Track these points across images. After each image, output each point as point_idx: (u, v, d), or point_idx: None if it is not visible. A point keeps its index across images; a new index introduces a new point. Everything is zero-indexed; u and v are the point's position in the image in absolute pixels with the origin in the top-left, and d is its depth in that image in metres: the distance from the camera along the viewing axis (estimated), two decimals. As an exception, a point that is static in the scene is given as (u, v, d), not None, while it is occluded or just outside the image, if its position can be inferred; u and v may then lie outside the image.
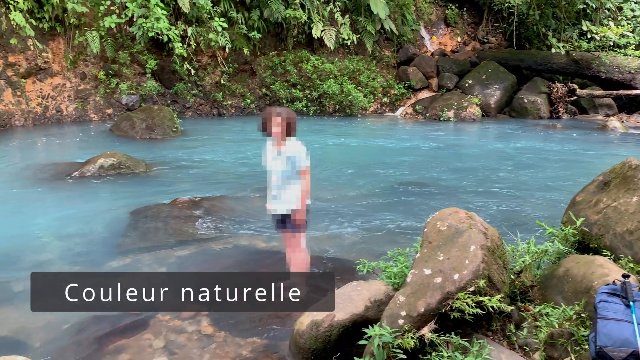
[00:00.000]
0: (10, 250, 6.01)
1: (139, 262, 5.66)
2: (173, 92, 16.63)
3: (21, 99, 14.79)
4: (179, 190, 8.55)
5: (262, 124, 4.39)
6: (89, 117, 15.67)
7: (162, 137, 13.10)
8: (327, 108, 17.15)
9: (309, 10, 17.12)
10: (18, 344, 4.03)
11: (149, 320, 4.32)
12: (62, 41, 15.51)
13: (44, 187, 8.64)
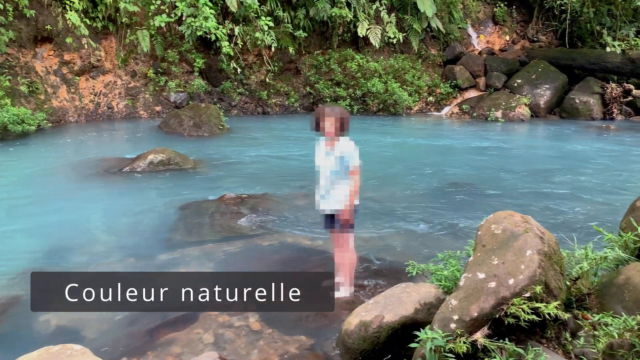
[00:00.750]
0: (65, 242, 6.23)
1: (188, 256, 5.77)
2: (219, 90, 16.89)
3: (75, 95, 15.32)
4: (225, 186, 8.68)
5: (315, 122, 4.39)
6: (139, 114, 16.10)
7: (209, 135, 13.32)
8: (371, 107, 17.06)
9: (355, 8, 17.08)
10: (74, 333, 4.17)
11: (199, 315, 4.39)
12: (114, 40, 15.99)
13: (96, 181, 8.92)
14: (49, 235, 6.51)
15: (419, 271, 4.15)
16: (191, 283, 3.70)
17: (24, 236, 6.57)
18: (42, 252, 5.94)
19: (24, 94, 13.88)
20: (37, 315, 4.42)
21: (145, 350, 3.86)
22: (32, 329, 4.24)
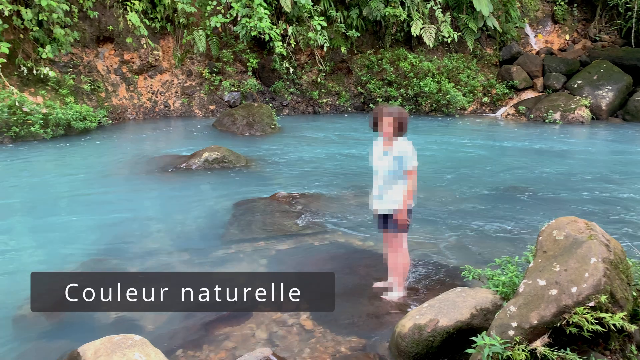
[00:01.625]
0: (124, 235, 6.46)
1: (242, 252, 5.87)
2: (272, 89, 17.09)
3: (134, 94, 15.86)
4: (277, 185, 8.78)
5: (373, 121, 4.38)
6: (194, 113, 16.50)
7: (261, 134, 13.50)
8: (423, 107, 16.84)
9: (409, 7, 16.91)
10: (133, 323, 4.31)
11: (252, 311, 4.45)
12: (172, 40, 16.44)
13: (154, 177, 9.21)
14: (109, 228, 6.76)
15: (475, 276, 4.07)
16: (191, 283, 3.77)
17: (86, 228, 6.85)
18: (102, 244, 6.17)
19: (86, 92, 14.49)
20: (98, 305, 4.60)
21: (201, 344, 3.95)
22: (94, 318, 4.41)
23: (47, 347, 3.96)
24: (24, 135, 12.01)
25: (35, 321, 4.30)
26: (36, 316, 4.34)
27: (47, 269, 5.47)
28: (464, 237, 6.25)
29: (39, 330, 4.20)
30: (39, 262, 5.73)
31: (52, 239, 6.44)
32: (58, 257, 5.81)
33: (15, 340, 4.07)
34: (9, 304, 4.61)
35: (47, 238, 6.47)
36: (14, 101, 11.87)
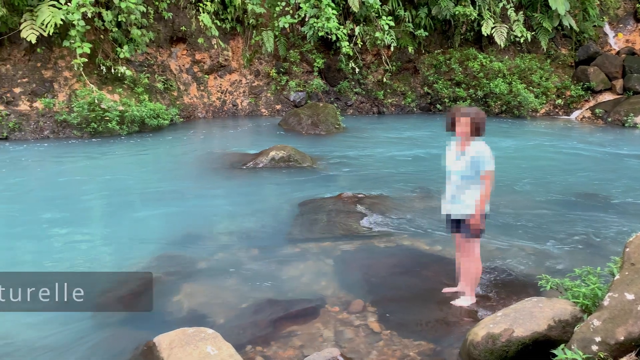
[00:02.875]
0: (194, 230, 6.65)
1: (307, 251, 5.90)
2: (337, 89, 17.12)
3: (204, 93, 16.34)
4: (342, 185, 8.77)
5: (449, 122, 4.28)
6: (260, 112, 16.79)
7: (326, 133, 13.56)
8: (492, 108, 16.34)
9: (480, 6, 16.47)
10: (204, 316, 4.42)
11: (319, 310, 4.46)
12: (241, 40, 16.81)
13: (222, 174, 9.44)
14: (179, 223, 6.99)
15: (552, 286, 3.89)
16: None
17: (158, 222, 7.11)
18: (173, 238, 6.38)
19: (159, 91, 15.06)
20: (171, 297, 4.77)
21: (269, 340, 3.99)
22: (166, 310, 4.57)
23: (124, 335, 4.13)
24: (102, 131, 12.64)
25: (113, 311, 4.49)
26: (114, 305, 4.54)
27: (120, 261, 5.72)
28: (538, 244, 6.00)
29: (116, 319, 4.38)
30: (113, 254, 5.99)
31: (126, 231, 6.72)
32: (131, 250, 6.05)
33: (95, 328, 4.26)
34: (88, 294, 4.84)
35: (120, 231, 6.77)
36: (93, 99, 12.51)
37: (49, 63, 13.30)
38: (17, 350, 3.93)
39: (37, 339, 4.08)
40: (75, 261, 5.69)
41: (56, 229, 6.74)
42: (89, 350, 3.93)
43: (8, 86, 12.71)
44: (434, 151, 11.39)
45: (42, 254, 5.91)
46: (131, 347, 3.83)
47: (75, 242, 6.33)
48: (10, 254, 5.94)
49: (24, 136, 12.53)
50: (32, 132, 12.64)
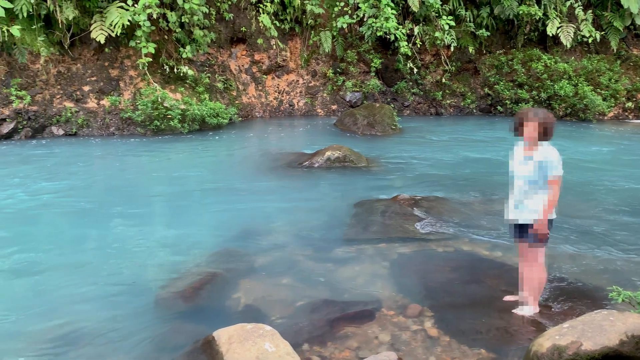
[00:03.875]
0: (250, 227, 6.74)
1: (363, 252, 5.85)
2: (394, 90, 16.97)
3: (262, 93, 16.57)
4: (398, 187, 8.67)
5: (516, 125, 4.13)
6: (316, 112, 16.87)
7: (382, 134, 13.45)
8: (557, 111, 15.73)
9: (545, 5, 15.90)
10: (261, 313, 4.46)
11: (375, 313, 4.41)
12: (299, 41, 16.94)
13: (278, 173, 9.53)
14: (237, 220, 7.10)
15: (625, 298, 3.68)
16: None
17: (216, 219, 7.24)
18: (231, 234, 6.48)
19: (219, 90, 15.39)
20: (229, 292, 4.84)
21: (325, 340, 3.98)
22: (225, 305, 4.64)
23: (184, 328, 4.22)
24: (164, 129, 13.04)
25: (174, 304, 4.61)
26: (175, 299, 4.66)
27: (180, 255, 5.85)
28: (608, 253, 5.70)
29: (176, 312, 4.49)
30: (173, 249, 6.14)
31: (186, 226, 6.88)
32: (191, 244, 6.19)
33: (156, 320, 4.39)
34: (150, 287, 5.00)
35: (181, 226, 6.94)
36: (156, 97, 12.93)
37: (116, 62, 13.85)
38: (82, 338, 4.09)
39: (102, 328, 4.24)
40: (137, 254, 5.88)
41: (119, 223, 6.99)
42: (151, 340, 4.05)
43: (78, 84, 13.33)
44: (495, 154, 11.09)
45: (104, 247, 6.14)
46: (191, 339, 3.91)
47: (137, 236, 6.54)
48: (78, 244, 6.21)
49: (92, 132, 13.10)
50: (99, 128, 13.20)
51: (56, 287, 5.01)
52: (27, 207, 7.55)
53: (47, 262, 5.63)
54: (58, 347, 3.96)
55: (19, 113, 12.44)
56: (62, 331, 4.18)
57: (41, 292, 4.91)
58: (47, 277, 5.25)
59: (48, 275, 5.28)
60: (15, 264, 5.57)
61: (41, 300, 4.73)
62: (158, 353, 3.89)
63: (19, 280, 5.18)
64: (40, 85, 12.89)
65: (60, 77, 13.16)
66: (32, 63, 12.81)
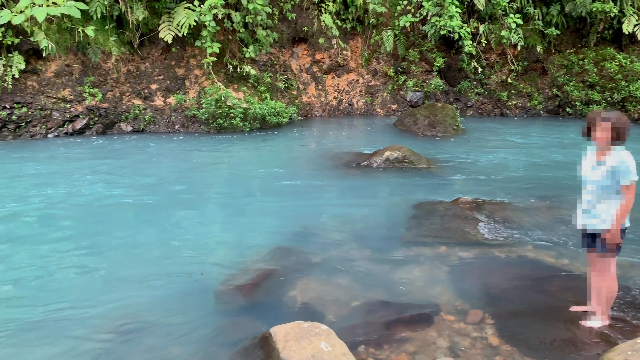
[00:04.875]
0: (308, 225, 6.77)
1: (421, 255, 5.74)
2: (456, 90, 16.60)
3: (321, 92, 16.63)
4: (459, 189, 8.46)
5: (586, 128, 3.92)
6: (376, 111, 16.75)
7: (443, 135, 13.18)
8: (631, 113, 14.88)
9: (622, 2, 15.06)
10: (316, 312, 4.46)
11: (434, 317, 4.32)
12: (360, 40, 16.88)
13: (337, 172, 9.52)
14: (295, 218, 7.14)
15: None
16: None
17: (274, 216, 7.32)
18: (288, 232, 6.53)
19: (280, 90, 15.57)
20: (286, 289, 4.87)
21: (382, 343, 3.93)
22: (281, 302, 4.68)
23: (241, 323, 4.29)
24: (226, 127, 13.33)
25: (233, 298, 4.69)
26: (233, 294, 4.74)
27: (238, 251, 5.95)
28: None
29: (235, 307, 4.57)
30: (232, 244, 6.25)
31: (245, 223, 7.00)
32: (250, 240, 6.28)
33: (215, 314, 4.48)
34: (210, 281, 5.10)
35: (239, 222, 7.07)
36: (220, 96, 13.23)
37: (182, 62, 14.29)
38: (144, 328, 4.23)
39: (164, 319, 4.37)
40: (197, 248, 6.03)
41: (181, 218, 7.20)
42: (209, 334, 4.13)
43: (146, 83, 13.85)
44: (563, 158, 10.64)
45: (167, 241, 6.34)
46: (248, 335, 3.97)
47: (198, 231, 6.71)
48: (142, 238, 6.44)
49: (158, 129, 13.58)
50: (165, 125, 13.66)
51: (120, 278, 5.21)
52: (96, 200, 7.91)
53: (113, 254, 5.87)
54: (122, 335, 4.12)
55: (91, 110, 13.06)
56: (125, 320, 4.34)
57: (107, 283, 5.12)
58: (113, 269, 5.48)
59: (113, 267, 5.51)
60: (83, 255, 5.84)
61: (107, 291, 4.93)
62: (217, 346, 3.97)
63: (86, 272, 5.42)
64: (111, 83, 13.48)
65: (129, 76, 13.72)
66: (104, 62, 13.42)
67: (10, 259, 5.70)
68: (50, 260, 5.63)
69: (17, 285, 5.06)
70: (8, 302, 4.73)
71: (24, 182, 8.70)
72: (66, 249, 5.97)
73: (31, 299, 4.77)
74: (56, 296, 4.80)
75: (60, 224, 6.95)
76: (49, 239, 6.34)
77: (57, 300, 4.72)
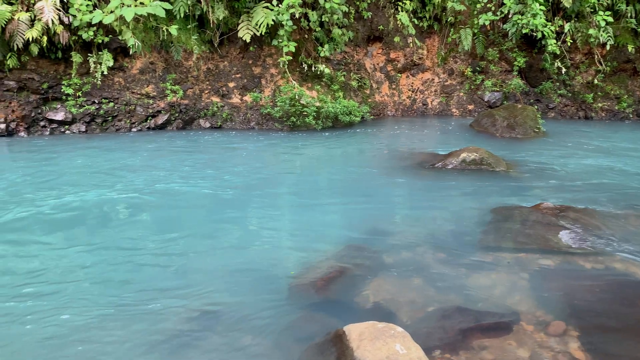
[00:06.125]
0: (380, 225, 6.68)
1: (500, 261, 5.52)
2: (537, 91, 15.90)
3: (395, 91, 16.45)
4: (540, 194, 8.07)
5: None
6: (451, 112, 16.36)
7: (522, 137, 12.66)
8: None
9: None
10: (390, 313, 4.39)
11: (513, 326, 4.13)
12: (437, 39, 16.54)
13: (409, 173, 9.37)
14: (366, 216, 7.09)
15: None
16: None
17: (345, 214, 7.29)
18: (360, 230, 6.48)
19: (353, 89, 15.54)
20: (358, 288, 4.83)
21: (457, 349, 3.80)
22: (353, 300, 4.64)
23: (313, 319, 4.29)
24: (299, 125, 13.47)
25: (306, 294, 4.71)
26: (306, 289, 4.76)
27: (310, 247, 5.97)
28: None
29: (308, 302, 4.58)
30: (303, 240, 6.27)
31: (316, 219, 7.02)
32: (319, 237, 6.29)
33: (289, 308, 4.51)
34: (283, 275, 5.16)
35: (310, 219, 7.08)
36: (294, 94, 13.39)
37: (259, 60, 14.58)
38: (219, 319, 4.33)
39: (238, 310, 4.45)
40: (271, 242, 6.12)
41: (255, 211, 7.33)
42: (282, 327, 4.17)
43: (224, 81, 14.25)
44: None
45: (241, 233, 6.47)
46: (320, 331, 3.97)
47: (270, 225, 6.80)
48: (218, 230, 6.61)
49: (234, 126, 13.94)
50: (241, 122, 14.00)
51: (197, 269, 5.37)
52: (176, 191, 8.22)
53: (189, 243, 6.07)
54: (197, 324, 4.24)
55: (172, 106, 13.60)
56: (200, 310, 4.46)
57: (183, 273, 5.29)
58: (190, 258, 5.65)
59: (190, 257, 5.69)
60: (160, 245, 6.07)
61: (183, 280, 5.09)
62: (290, 339, 4.00)
63: (162, 261, 5.62)
64: (192, 80, 13.97)
65: (209, 74, 14.17)
66: (185, 60, 13.93)
67: (96, 243, 6.02)
68: (133, 247, 5.90)
69: (98, 270, 5.32)
70: (91, 286, 4.99)
71: (112, 173, 9.19)
72: (146, 237, 6.24)
73: (110, 284, 4.99)
74: (134, 283, 5.02)
75: (143, 213, 7.27)
76: (133, 226, 6.66)
77: (135, 287, 4.93)
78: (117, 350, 3.93)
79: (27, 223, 6.77)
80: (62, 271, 5.28)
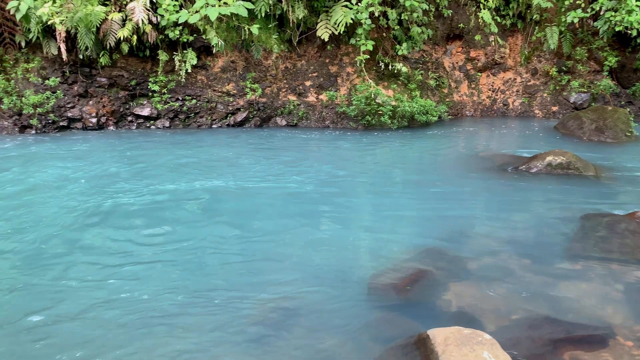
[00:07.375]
0: (460, 230, 6.48)
1: (590, 271, 5.22)
2: (630, 92, 14.93)
3: (474, 91, 15.98)
4: (634, 202, 7.56)
5: None
6: (533, 113, 15.70)
7: (612, 141, 11.93)
8: None
9: None
10: (473, 319, 4.25)
11: (608, 340, 3.89)
12: (520, 37, 15.91)
13: (490, 175, 9.06)
14: (445, 219, 6.92)
15: None
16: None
17: (423, 216, 7.14)
18: (439, 233, 6.32)
19: (431, 88, 15.26)
20: (440, 292, 4.73)
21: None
22: (435, 304, 4.54)
23: (394, 321, 4.24)
24: (374, 124, 13.40)
25: (386, 295, 4.66)
26: (387, 290, 4.71)
27: (388, 248, 5.89)
28: None
29: (388, 303, 4.53)
30: (381, 241, 6.20)
31: (393, 220, 6.91)
32: (397, 239, 6.19)
33: (369, 308, 4.49)
34: (363, 275, 5.13)
35: (389, 219, 6.98)
36: (370, 93, 13.32)
37: (335, 59, 14.63)
38: (298, 317, 4.36)
39: (318, 309, 4.47)
40: (348, 241, 6.11)
41: (330, 210, 7.35)
42: (362, 327, 4.14)
43: (301, 79, 14.41)
44: None
45: (318, 232, 6.50)
46: (401, 333, 3.91)
47: (347, 225, 6.79)
48: (292, 227, 6.68)
49: (309, 124, 14.07)
50: (316, 121, 14.11)
51: (275, 266, 5.44)
52: (253, 188, 8.40)
53: (268, 239, 6.17)
54: (274, 321, 4.27)
55: (251, 104, 13.93)
56: (278, 307, 4.49)
57: (261, 269, 5.38)
58: (267, 255, 5.75)
59: (268, 253, 5.78)
60: (243, 238, 6.21)
61: (261, 277, 5.17)
62: (369, 340, 3.97)
63: (243, 256, 5.75)
64: (270, 79, 14.24)
65: (286, 73, 14.38)
66: (265, 59, 14.21)
67: (183, 233, 6.26)
68: (210, 241, 6.08)
69: (175, 264, 5.51)
70: (177, 274, 5.18)
71: (196, 167, 9.55)
72: (223, 231, 6.41)
73: (187, 279, 5.12)
74: (211, 278, 5.13)
75: (223, 207, 7.49)
76: (211, 220, 6.88)
77: (212, 282, 5.03)
78: (199, 337, 4.04)
79: (126, 211, 7.15)
80: (152, 256, 5.52)
